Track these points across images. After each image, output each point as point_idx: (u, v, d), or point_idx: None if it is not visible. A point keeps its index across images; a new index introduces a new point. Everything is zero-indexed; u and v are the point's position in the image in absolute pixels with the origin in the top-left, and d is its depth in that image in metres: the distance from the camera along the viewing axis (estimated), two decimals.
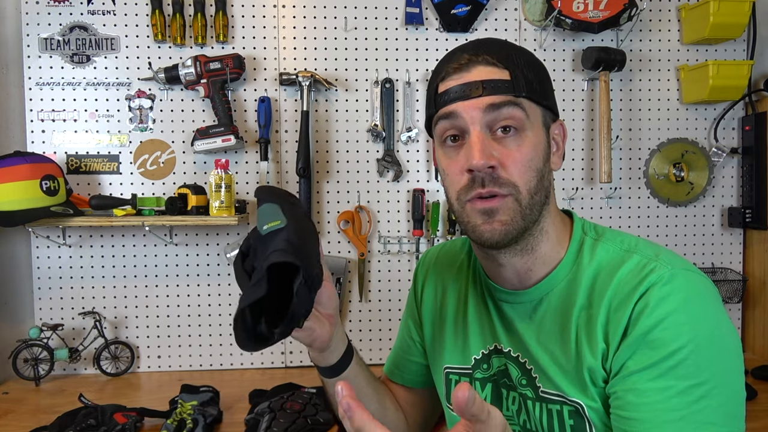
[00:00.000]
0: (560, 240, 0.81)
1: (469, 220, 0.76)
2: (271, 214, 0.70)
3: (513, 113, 0.74)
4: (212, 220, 1.59)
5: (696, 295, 0.70)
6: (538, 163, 0.75)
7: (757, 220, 1.84)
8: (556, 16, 1.75)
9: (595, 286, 0.75)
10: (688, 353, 0.66)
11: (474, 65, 0.75)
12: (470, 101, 0.74)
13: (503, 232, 0.74)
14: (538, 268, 0.80)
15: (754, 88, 1.86)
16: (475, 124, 0.74)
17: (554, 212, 0.82)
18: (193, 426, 1.27)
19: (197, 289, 1.78)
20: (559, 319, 0.78)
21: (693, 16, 1.82)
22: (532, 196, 0.75)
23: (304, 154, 1.72)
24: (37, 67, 1.71)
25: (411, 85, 1.81)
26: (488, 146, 0.73)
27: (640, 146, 1.89)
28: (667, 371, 0.67)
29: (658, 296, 0.69)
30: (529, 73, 0.75)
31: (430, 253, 1.04)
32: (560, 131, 0.82)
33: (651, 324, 0.68)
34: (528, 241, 0.78)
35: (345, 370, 0.86)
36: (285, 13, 1.78)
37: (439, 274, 0.98)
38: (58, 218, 1.55)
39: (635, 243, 0.78)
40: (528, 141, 0.75)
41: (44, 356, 1.63)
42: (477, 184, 0.74)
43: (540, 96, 0.76)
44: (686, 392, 0.66)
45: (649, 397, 0.67)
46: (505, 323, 0.85)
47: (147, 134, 1.75)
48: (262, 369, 1.80)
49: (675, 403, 0.66)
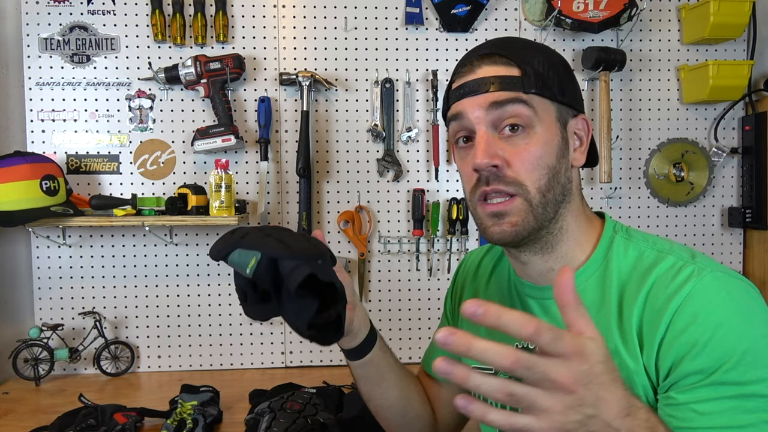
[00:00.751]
0: (584, 239, 0.80)
1: (481, 221, 0.78)
2: (242, 259, 0.70)
3: (518, 110, 0.73)
4: (212, 220, 1.59)
5: (742, 300, 0.68)
6: (549, 160, 0.75)
7: (757, 220, 1.84)
8: (556, 16, 1.75)
9: (627, 285, 0.74)
10: (748, 359, 0.64)
11: (484, 63, 0.76)
12: (474, 98, 0.75)
13: (513, 233, 0.75)
14: (561, 266, 0.78)
15: (754, 88, 1.86)
16: (480, 123, 0.75)
17: (578, 211, 0.80)
18: (193, 426, 1.27)
19: (197, 289, 1.78)
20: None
21: (693, 16, 1.82)
22: (543, 194, 0.74)
23: (304, 154, 1.72)
24: (37, 67, 1.71)
25: (411, 85, 1.81)
26: (493, 145, 0.74)
27: (640, 146, 1.89)
28: (730, 378, 0.64)
29: (703, 303, 0.67)
30: (544, 69, 0.75)
31: (473, 256, 1.04)
32: (583, 126, 0.80)
33: (701, 332, 0.65)
34: (547, 239, 0.78)
35: (369, 353, 0.87)
36: (285, 13, 1.78)
37: (478, 277, 0.99)
38: (58, 218, 1.55)
39: (669, 245, 0.77)
40: (537, 138, 0.74)
41: (44, 356, 1.63)
42: (482, 183, 0.75)
43: (555, 92, 0.76)
44: (745, 398, 0.63)
45: (707, 407, 0.64)
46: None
47: (147, 134, 1.75)
48: (262, 369, 1.80)
49: (732, 412, 0.63)
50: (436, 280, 1.85)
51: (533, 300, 0.84)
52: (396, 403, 0.93)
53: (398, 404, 0.93)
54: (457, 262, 1.84)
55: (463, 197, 1.79)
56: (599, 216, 0.85)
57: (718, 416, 0.63)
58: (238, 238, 0.72)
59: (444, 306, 1.09)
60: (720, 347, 0.64)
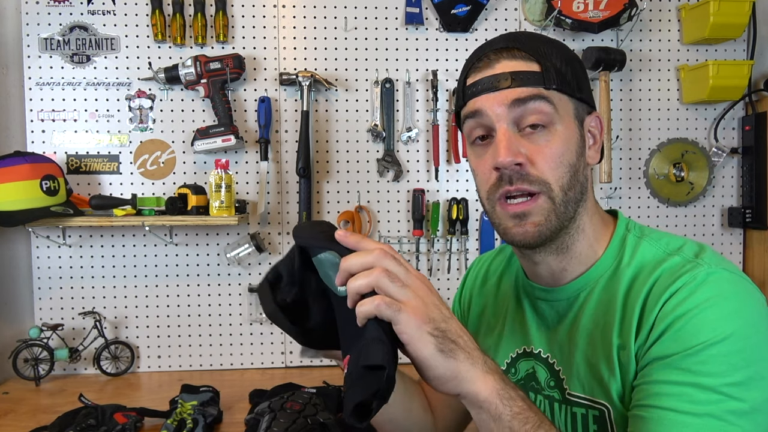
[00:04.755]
0: (598, 238, 0.79)
1: (500, 222, 0.75)
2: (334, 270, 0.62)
3: (540, 107, 0.71)
4: (212, 220, 1.59)
5: (730, 293, 0.66)
6: (570, 158, 0.73)
7: (757, 220, 1.84)
8: (556, 16, 1.75)
9: (634, 285, 0.72)
10: (712, 352, 0.62)
11: (502, 57, 0.73)
12: (496, 94, 0.72)
13: (536, 234, 0.73)
14: (574, 266, 0.78)
15: (754, 88, 1.86)
16: (501, 121, 0.72)
17: (592, 209, 0.79)
18: (193, 426, 1.27)
19: (197, 289, 1.78)
20: (596, 317, 0.75)
21: (693, 16, 1.82)
22: (565, 192, 0.72)
23: (304, 154, 1.72)
24: (37, 67, 1.71)
25: (411, 85, 1.81)
26: (515, 143, 0.71)
27: (640, 146, 1.89)
28: (687, 365, 0.63)
29: (689, 291, 0.66)
30: (561, 65, 0.74)
31: (482, 262, 1.02)
32: (597, 123, 0.79)
33: (677, 315, 0.65)
34: (564, 239, 0.76)
35: None
36: (285, 13, 1.78)
37: (488, 282, 0.98)
38: (58, 218, 1.55)
39: (681, 244, 0.74)
40: (558, 135, 0.72)
41: (44, 356, 1.63)
42: (505, 182, 0.72)
43: (573, 89, 0.74)
44: (699, 389, 0.62)
45: (663, 389, 0.64)
46: (539, 322, 0.83)
47: (147, 134, 1.75)
48: (262, 369, 1.80)
49: (691, 399, 0.62)
50: (436, 280, 1.85)
51: (544, 302, 0.83)
52: (397, 417, 0.91)
53: (399, 417, 0.91)
54: (457, 262, 1.84)
55: (464, 197, 1.81)
56: (612, 214, 0.84)
57: (666, 398, 0.63)
58: (334, 243, 0.63)
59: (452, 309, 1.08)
60: (687, 334, 0.64)
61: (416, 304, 0.57)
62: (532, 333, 0.84)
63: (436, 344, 0.56)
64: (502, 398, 0.58)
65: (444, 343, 0.57)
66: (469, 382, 0.58)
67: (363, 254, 0.58)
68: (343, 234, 0.61)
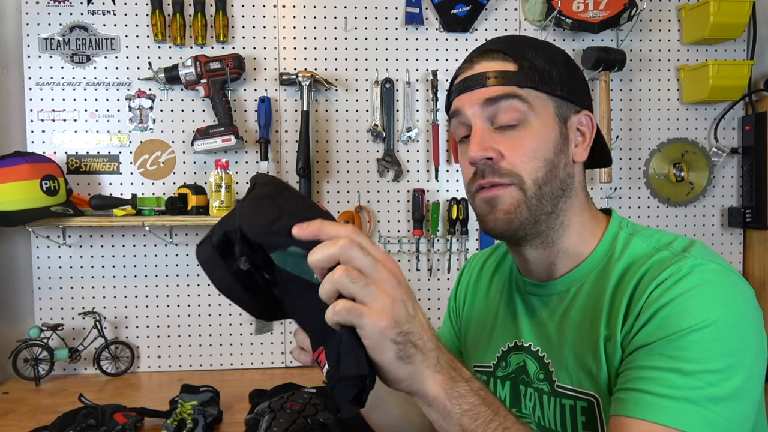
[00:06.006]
0: (589, 235, 0.80)
1: (478, 211, 0.79)
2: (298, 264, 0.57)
3: (513, 105, 0.74)
4: (212, 220, 1.59)
5: (715, 283, 0.67)
6: (546, 154, 0.75)
7: (757, 220, 1.84)
8: (556, 16, 1.75)
9: (623, 278, 0.74)
10: (694, 338, 0.63)
11: (483, 59, 0.77)
12: (470, 93, 0.76)
13: (506, 221, 0.75)
14: (562, 262, 0.80)
15: (754, 88, 1.86)
16: (476, 118, 0.76)
17: (581, 207, 0.81)
18: (193, 426, 1.27)
19: (197, 289, 1.78)
20: (585, 310, 0.77)
21: (693, 16, 1.82)
22: (539, 186, 0.75)
23: (304, 154, 1.72)
24: (37, 67, 1.71)
25: (411, 85, 1.81)
26: (487, 139, 0.75)
27: (640, 146, 1.89)
28: (668, 351, 0.64)
29: (674, 280, 0.67)
30: (544, 65, 0.76)
31: (477, 259, 1.03)
32: (587, 122, 0.80)
33: (662, 303, 0.66)
34: (547, 234, 0.78)
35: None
36: (285, 13, 1.78)
37: (481, 279, 0.99)
38: (58, 218, 1.55)
39: (671, 240, 0.75)
40: (533, 131, 0.75)
41: (44, 356, 1.63)
42: (479, 176, 0.76)
43: (554, 87, 0.76)
44: (679, 374, 0.63)
45: (643, 373, 0.65)
46: (530, 316, 0.85)
47: (147, 134, 1.75)
48: (262, 369, 1.80)
49: (669, 383, 0.63)
50: (436, 280, 1.85)
51: (535, 297, 0.84)
52: (395, 422, 0.92)
53: (398, 423, 0.92)
54: (457, 262, 1.84)
55: (464, 197, 1.80)
56: (607, 213, 0.85)
57: (645, 382, 0.64)
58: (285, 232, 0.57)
59: (447, 307, 1.09)
60: (671, 321, 0.65)
61: (381, 306, 0.53)
62: (523, 327, 0.85)
63: (396, 351, 0.55)
64: (451, 396, 0.58)
65: (404, 349, 0.55)
66: (419, 383, 0.58)
67: (327, 246, 0.54)
68: (298, 229, 0.55)
